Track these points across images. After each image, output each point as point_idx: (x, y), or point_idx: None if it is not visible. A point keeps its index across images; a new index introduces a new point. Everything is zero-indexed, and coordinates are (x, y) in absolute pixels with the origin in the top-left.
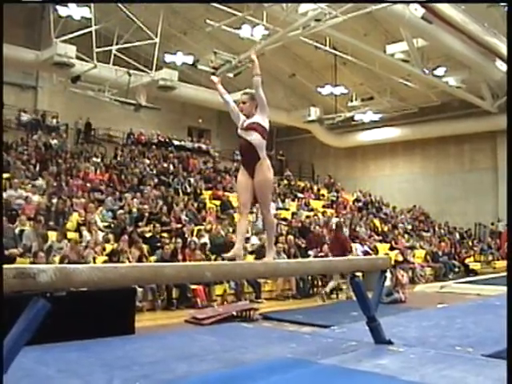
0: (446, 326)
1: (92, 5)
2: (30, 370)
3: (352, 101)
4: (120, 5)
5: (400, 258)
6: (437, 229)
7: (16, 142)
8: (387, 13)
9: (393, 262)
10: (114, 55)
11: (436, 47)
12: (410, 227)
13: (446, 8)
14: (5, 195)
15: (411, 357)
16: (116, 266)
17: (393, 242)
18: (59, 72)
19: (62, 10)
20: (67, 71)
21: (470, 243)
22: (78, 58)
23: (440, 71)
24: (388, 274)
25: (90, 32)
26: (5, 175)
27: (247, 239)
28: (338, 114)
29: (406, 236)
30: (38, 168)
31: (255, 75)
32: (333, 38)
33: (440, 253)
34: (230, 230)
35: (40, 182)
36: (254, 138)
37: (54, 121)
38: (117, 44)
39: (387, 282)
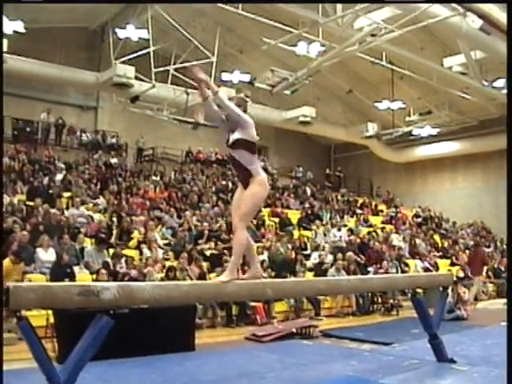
0: None
1: (150, 26)
2: None
3: (410, 115)
4: (177, 25)
5: (461, 274)
6: (499, 244)
7: (77, 162)
8: (444, 25)
9: (454, 278)
10: (172, 75)
11: (495, 58)
12: (471, 242)
13: (504, 18)
14: (67, 213)
15: (475, 376)
16: (178, 283)
17: (453, 258)
18: (119, 92)
19: (121, 33)
20: (126, 91)
21: None
22: (136, 78)
23: (499, 83)
24: (449, 291)
25: (148, 53)
26: (66, 194)
27: (307, 256)
28: (395, 129)
29: (467, 251)
30: (98, 187)
31: (211, 95)
32: (389, 52)
33: (502, 268)
34: (290, 247)
35: (101, 200)
36: (241, 155)
37: (114, 140)
38: (174, 64)
39: (448, 299)
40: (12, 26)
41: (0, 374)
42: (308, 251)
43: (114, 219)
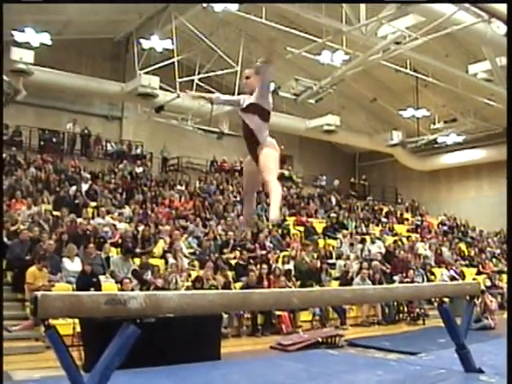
0: None
1: (174, 36)
2: None
3: (434, 123)
4: (201, 35)
5: (488, 283)
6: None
7: (103, 172)
8: (468, 32)
9: (481, 287)
10: (196, 85)
11: None
12: (497, 251)
13: None
14: (93, 223)
15: None
16: (204, 292)
17: (480, 267)
18: (143, 102)
19: (146, 43)
20: (151, 101)
21: None
22: (161, 88)
23: None
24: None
25: (173, 63)
26: (92, 203)
27: (332, 265)
28: (420, 137)
29: (494, 260)
30: (124, 196)
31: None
32: (413, 60)
33: None
34: (315, 256)
35: (126, 209)
36: (252, 120)
37: (139, 150)
38: (198, 73)
39: (475, 308)
40: (39, 38)
41: (0, 373)
42: (333, 260)
43: (140, 228)
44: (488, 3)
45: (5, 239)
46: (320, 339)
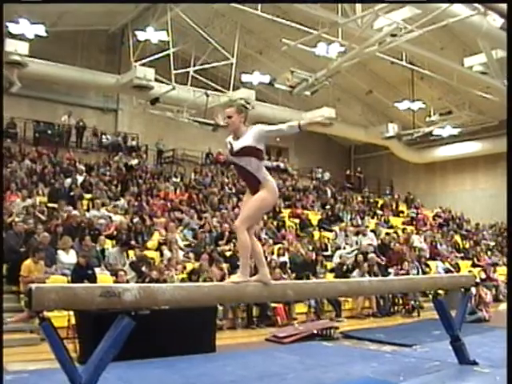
0: None
1: (169, 28)
2: None
3: (430, 116)
4: (196, 27)
5: (483, 276)
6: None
7: (98, 164)
8: (464, 25)
9: (476, 280)
10: (192, 77)
11: None
12: (492, 243)
13: None
14: (88, 215)
15: (497, 379)
16: (199, 285)
17: (475, 259)
18: (139, 94)
19: (141, 35)
20: (146, 93)
21: None
22: (156, 80)
23: None
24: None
25: (168, 55)
26: (88, 196)
27: (328, 257)
28: (416, 130)
29: (489, 253)
30: (119, 188)
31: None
32: (409, 52)
33: None
34: (310, 248)
35: (121, 202)
36: (248, 162)
37: (134, 142)
38: (194, 65)
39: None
40: (33, 29)
41: (0, 373)
42: (328, 252)
43: (136, 220)
44: (488, 3)
45: None
46: (315, 331)
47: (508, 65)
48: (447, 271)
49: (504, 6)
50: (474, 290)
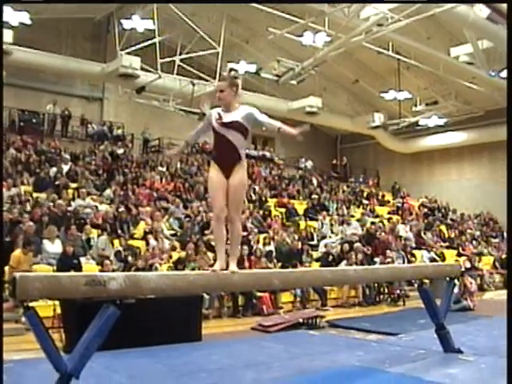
0: None
1: (155, 17)
2: (102, 377)
3: (416, 105)
4: (183, 16)
5: (468, 265)
6: (505, 234)
7: (83, 153)
8: (451, 15)
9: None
10: (178, 65)
11: (502, 48)
12: (477, 233)
13: None
14: (73, 204)
15: (482, 366)
16: (184, 273)
17: (460, 249)
18: (124, 83)
19: (127, 23)
20: (132, 82)
21: None
22: (142, 69)
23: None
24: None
25: (154, 43)
26: (73, 185)
27: (314, 246)
28: (402, 120)
29: (474, 242)
30: (105, 178)
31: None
32: (396, 42)
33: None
34: (296, 237)
35: (107, 191)
36: (235, 137)
37: (120, 131)
38: (180, 54)
39: (455, 290)
40: (18, 17)
41: (0, 373)
42: (314, 242)
43: (121, 210)
44: (487, 3)
45: None
46: (301, 320)
47: (508, 63)
48: (432, 260)
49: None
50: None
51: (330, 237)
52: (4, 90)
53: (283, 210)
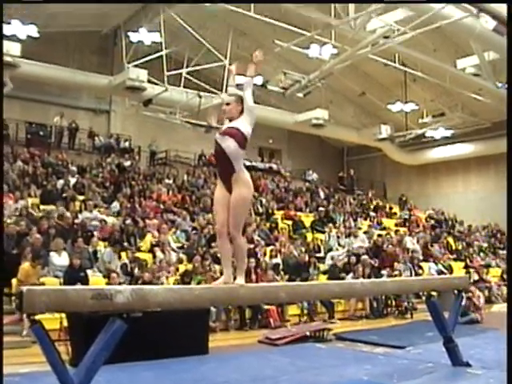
0: None
1: (162, 29)
2: None
3: (423, 117)
4: (189, 29)
5: (475, 277)
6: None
7: (91, 165)
8: (457, 27)
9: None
10: (185, 78)
11: None
12: (485, 245)
13: None
14: (80, 217)
15: (490, 381)
16: (191, 287)
17: (468, 261)
18: (131, 96)
19: (134, 36)
20: (139, 95)
21: None
22: (149, 81)
23: None
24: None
25: (161, 56)
26: (80, 197)
27: (321, 259)
28: (408, 132)
29: (482, 254)
30: (111, 190)
31: (248, 76)
32: (402, 54)
33: None
34: (303, 249)
35: (114, 204)
36: (229, 145)
37: (127, 144)
38: (187, 67)
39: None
40: (26, 30)
41: (0, 373)
42: (321, 254)
43: (127, 222)
44: (488, 3)
45: None
46: (308, 333)
47: (508, 66)
48: (440, 273)
49: (495, 6)
50: None
51: (337, 249)
52: (12, 102)
53: (290, 222)
